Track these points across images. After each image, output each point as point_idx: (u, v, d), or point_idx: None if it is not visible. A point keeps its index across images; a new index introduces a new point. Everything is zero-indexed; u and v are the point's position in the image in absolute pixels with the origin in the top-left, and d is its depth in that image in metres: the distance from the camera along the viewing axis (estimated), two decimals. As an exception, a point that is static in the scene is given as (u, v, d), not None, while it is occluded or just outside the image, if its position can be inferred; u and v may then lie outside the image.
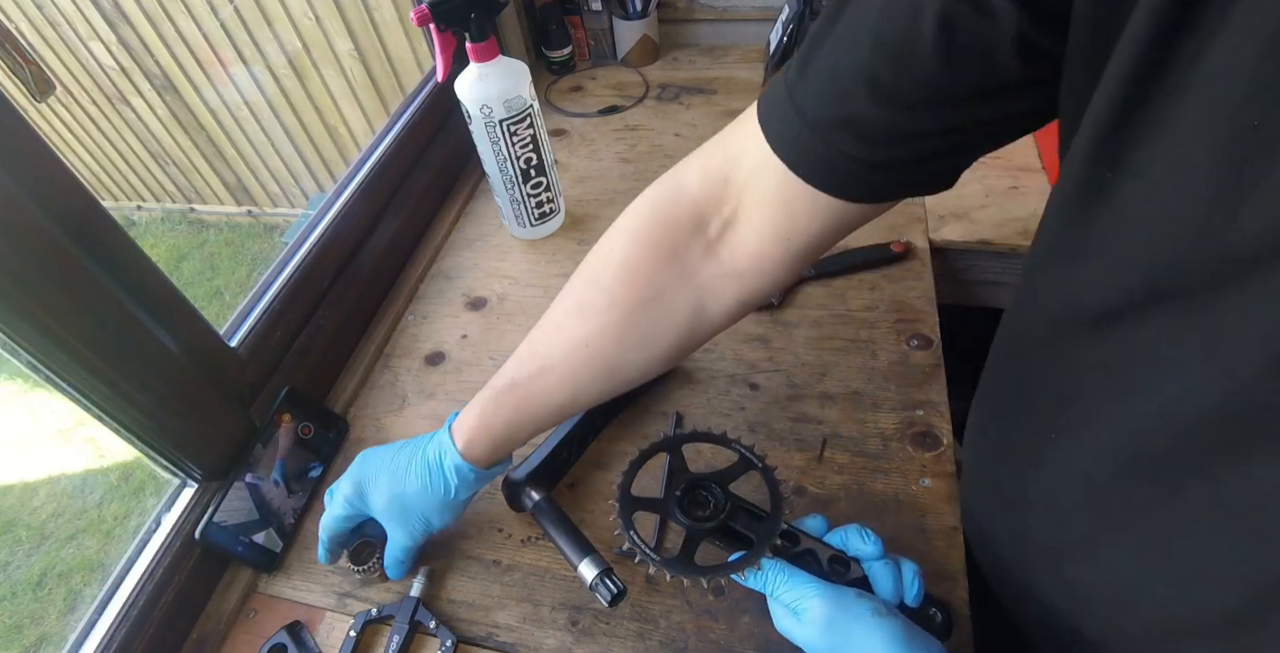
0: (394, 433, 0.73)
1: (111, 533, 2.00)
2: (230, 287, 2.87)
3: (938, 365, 0.71)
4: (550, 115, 1.12)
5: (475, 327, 0.82)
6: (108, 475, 2.13)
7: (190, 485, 0.63)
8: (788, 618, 0.44)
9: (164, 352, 0.57)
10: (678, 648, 0.56)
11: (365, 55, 2.37)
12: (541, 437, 0.65)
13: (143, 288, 0.55)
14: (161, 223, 3.25)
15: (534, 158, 0.81)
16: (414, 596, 0.59)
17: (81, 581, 1.90)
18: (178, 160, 3.01)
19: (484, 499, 0.66)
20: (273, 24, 2.37)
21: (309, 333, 0.75)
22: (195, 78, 2.64)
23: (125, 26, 2.52)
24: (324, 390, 0.77)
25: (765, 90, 0.41)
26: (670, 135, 1.05)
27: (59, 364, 0.50)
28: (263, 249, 3.05)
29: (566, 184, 0.98)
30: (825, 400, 0.70)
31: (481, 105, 0.75)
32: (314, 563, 0.64)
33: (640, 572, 0.60)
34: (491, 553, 0.63)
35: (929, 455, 0.65)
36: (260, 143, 2.84)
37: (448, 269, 0.90)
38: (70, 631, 0.56)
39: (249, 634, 0.61)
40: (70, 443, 2.22)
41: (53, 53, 2.69)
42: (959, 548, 0.58)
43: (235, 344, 0.67)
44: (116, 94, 2.79)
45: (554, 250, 0.90)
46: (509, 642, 0.58)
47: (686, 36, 1.24)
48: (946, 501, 0.61)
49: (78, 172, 1.15)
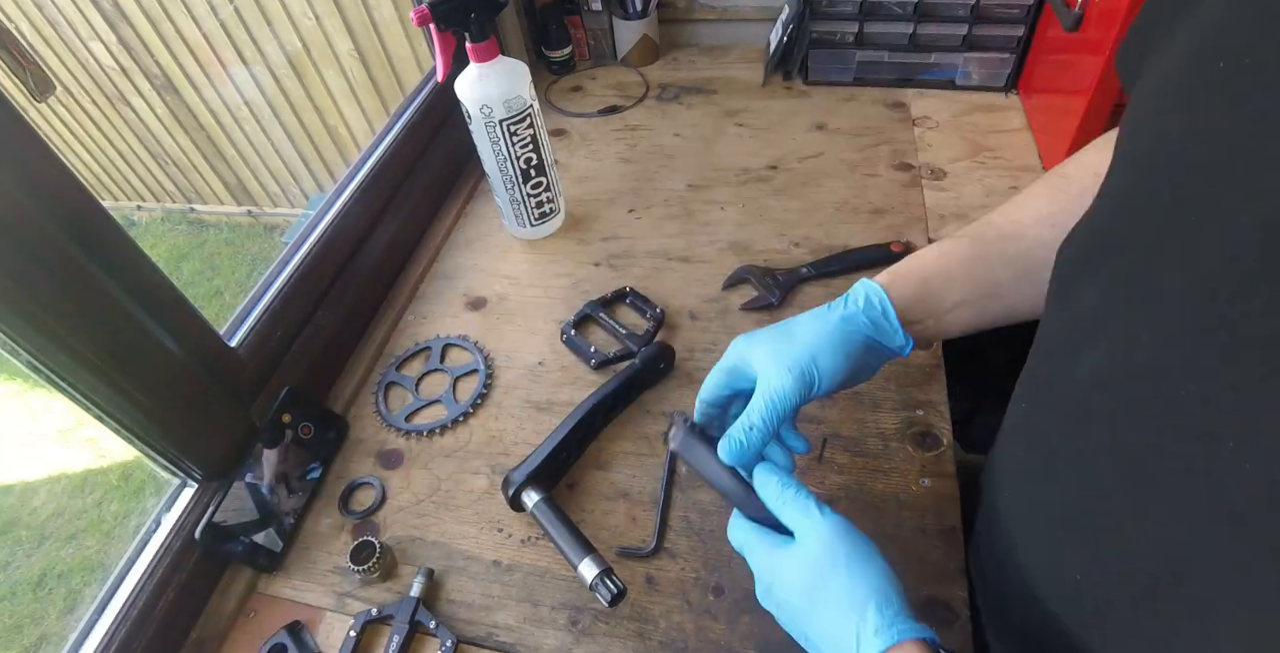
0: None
1: (111, 533, 2.00)
2: (230, 287, 2.87)
3: (938, 365, 0.71)
4: (550, 115, 1.12)
5: (475, 327, 0.82)
6: (108, 475, 2.14)
7: (190, 485, 0.63)
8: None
9: (164, 352, 0.57)
10: (678, 648, 0.56)
11: (365, 55, 2.37)
12: (540, 437, 0.65)
13: (143, 288, 0.55)
14: (161, 223, 3.25)
15: (534, 158, 0.81)
16: (414, 596, 0.59)
17: (81, 581, 1.91)
18: (178, 160, 3.02)
19: (484, 499, 0.66)
20: (273, 24, 2.38)
21: (309, 333, 0.75)
22: (195, 78, 2.64)
23: (125, 26, 2.52)
24: (324, 390, 0.77)
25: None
26: (670, 135, 1.05)
27: (59, 364, 0.50)
28: (263, 249, 3.05)
29: (566, 184, 0.99)
30: (825, 400, 0.70)
31: (481, 105, 0.75)
32: (314, 563, 0.64)
33: (640, 571, 0.60)
34: (491, 553, 0.63)
35: (929, 455, 0.65)
36: (260, 143, 2.84)
37: (448, 269, 0.90)
38: (70, 631, 0.56)
39: (249, 634, 0.61)
40: (70, 443, 2.22)
41: (53, 53, 2.69)
42: (959, 548, 0.58)
43: (235, 344, 0.67)
44: (116, 94, 2.79)
45: (554, 250, 0.90)
46: (509, 642, 0.58)
47: (686, 36, 1.24)
48: (946, 500, 0.61)
49: (78, 172, 1.15)
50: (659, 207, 0.93)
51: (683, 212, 0.92)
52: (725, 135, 1.03)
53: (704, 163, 0.99)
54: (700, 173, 0.98)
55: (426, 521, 0.66)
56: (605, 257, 0.88)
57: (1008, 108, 1.02)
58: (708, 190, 0.95)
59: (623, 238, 0.90)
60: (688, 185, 0.96)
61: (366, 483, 0.69)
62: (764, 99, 1.09)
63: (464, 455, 0.70)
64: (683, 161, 1.00)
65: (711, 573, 0.59)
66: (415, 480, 0.69)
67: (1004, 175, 0.92)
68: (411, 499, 0.67)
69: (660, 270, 0.85)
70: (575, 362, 0.77)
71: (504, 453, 0.70)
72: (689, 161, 1.00)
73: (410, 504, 0.67)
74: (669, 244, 0.88)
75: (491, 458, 0.70)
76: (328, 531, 0.66)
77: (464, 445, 0.71)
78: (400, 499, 0.68)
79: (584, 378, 0.75)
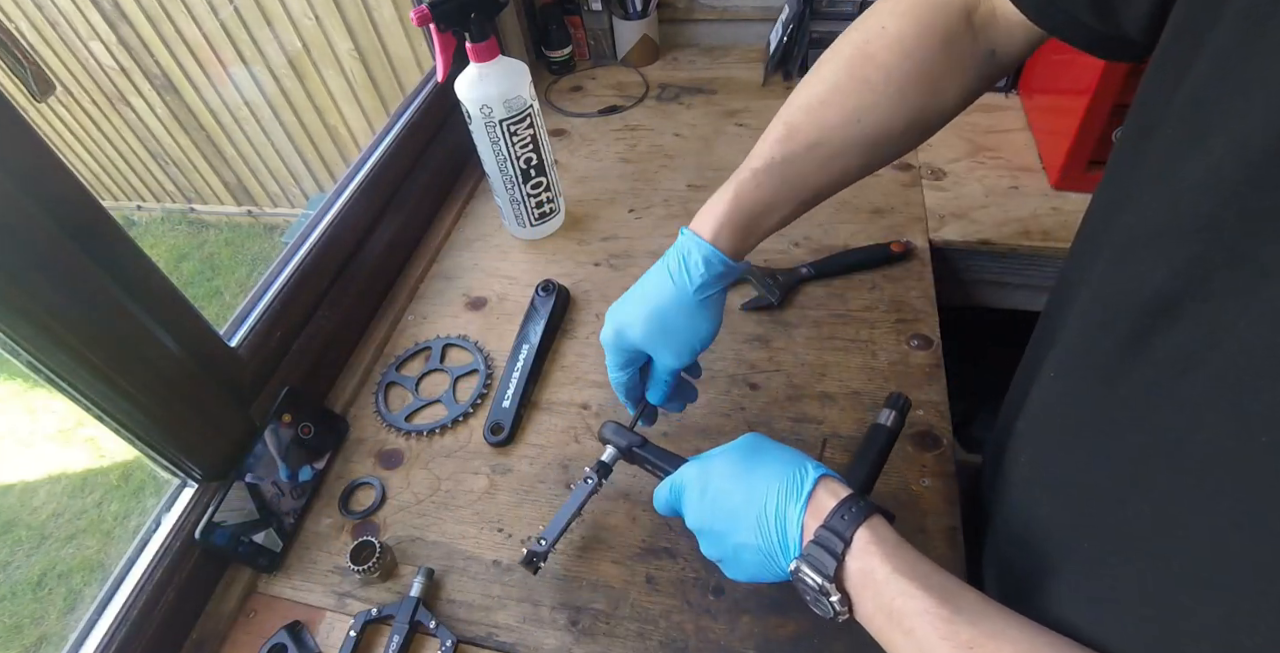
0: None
1: (111, 533, 2.00)
2: (230, 287, 2.87)
3: (938, 365, 0.71)
4: (550, 115, 1.12)
5: (475, 327, 0.82)
6: (108, 475, 2.14)
7: (190, 485, 0.63)
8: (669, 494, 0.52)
9: (164, 352, 0.57)
10: (678, 648, 0.56)
11: (365, 55, 2.37)
12: (540, 437, 0.65)
13: (143, 288, 0.55)
14: (161, 223, 3.25)
15: (534, 158, 0.81)
16: (414, 596, 0.59)
17: (81, 581, 1.91)
18: (178, 160, 3.01)
19: (484, 499, 0.66)
20: (273, 24, 2.38)
21: (309, 333, 0.75)
22: (195, 78, 2.64)
23: (125, 26, 2.52)
24: (324, 390, 0.77)
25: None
26: (670, 135, 1.05)
27: (59, 364, 0.50)
28: (263, 249, 3.05)
29: (566, 184, 0.99)
30: (825, 400, 0.70)
31: (481, 105, 0.75)
32: (314, 563, 0.64)
33: (640, 571, 0.60)
34: (491, 553, 0.63)
35: (929, 455, 0.65)
36: (260, 143, 2.84)
37: (448, 269, 0.90)
38: (70, 631, 0.56)
39: (249, 634, 0.61)
40: (70, 443, 2.22)
41: (53, 53, 2.69)
42: (959, 548, 0.58)
43: (235, 344, 0.67)
44: (116, 94, 2.79)
45: (554, 250, 0.90)
46: (509, 642, 0.58)
47: (686, 36, 1.24)
48: (946, 500, 0.61)
49: (78, 172, 1.15)
50: (659, 207, 0.93)
51: (683, 212, 0.92)
52: (725, 135, 1.03)
53: (704, 163, 0.99)
54: (700, 173, 0.97)
55: (426, 521, 0.66)
56: (605, 257, 0.88)
57: (1008, 108, 1.02)
58: (708, 190, 0.93)
59: (623, 238, 0.90)
60: (688, 185, 0.96)
61: (366, 483, 0.69)
62: (764, 99, 1.09)
63: (464, 456, 0.70)
64: (683, 161, 1.00)
65: (711, 573, 0.59)
66: (415, 480, 0.69)
67: (1004, 175, 0.92)
68: (411, 499, 0.67)
69: (660, 270, 0.85)
70: (575, 361, 0.77)
71: (504, 453, 0.70)
72: (689, 161, 1.00)
73: (410, 504, 0.67)
74: (669, 244, 0.87)
75: (491, 458, 0.70)
76: (328, 531, 0.66)
77: (464, 445, 0.71)
78: (400, 499, 0.68)
79: (584, 378, 0.75)
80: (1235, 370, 0.27)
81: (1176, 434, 0.30)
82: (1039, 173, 0.91)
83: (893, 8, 0.50)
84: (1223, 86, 0.28)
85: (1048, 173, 0.90)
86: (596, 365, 0.76)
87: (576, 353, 0.78)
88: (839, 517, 0.41)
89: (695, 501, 0.49)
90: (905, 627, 0.38)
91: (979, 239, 0.84)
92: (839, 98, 0.50)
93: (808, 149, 0.51)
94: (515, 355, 0.75)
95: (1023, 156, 0.94)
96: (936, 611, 0.37)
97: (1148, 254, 0.32)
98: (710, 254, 0.52)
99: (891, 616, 0.38)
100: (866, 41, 0.50)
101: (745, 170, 0.52)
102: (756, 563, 0.45)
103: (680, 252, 0.53)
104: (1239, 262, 0.27)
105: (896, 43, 0.48)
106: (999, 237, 0.84)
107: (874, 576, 0.39)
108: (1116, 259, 0.35)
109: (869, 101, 0.49)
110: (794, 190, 0.52)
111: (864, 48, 0.50)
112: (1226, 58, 0.27)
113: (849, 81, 0.50)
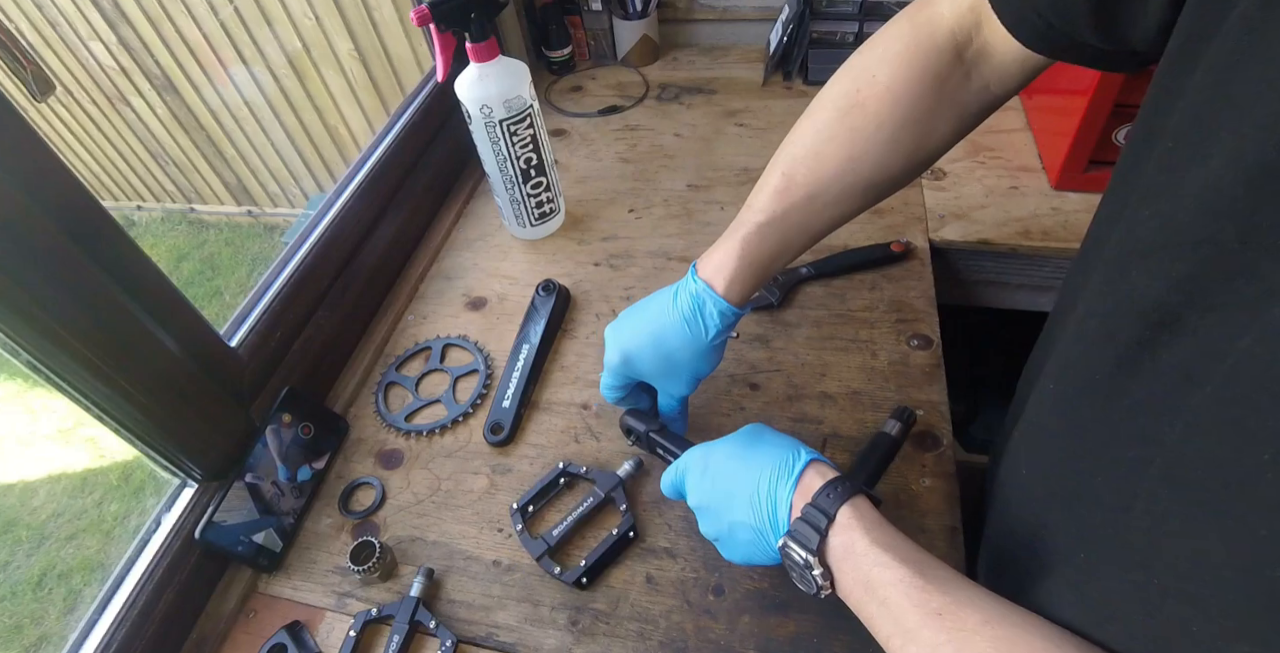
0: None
1: (111, 533, 2.00)
2: (230, 287, 2.87)
3: (938, 365, 0.71)
4: (550, 115, 1.12)
5: (475, 327, 0.82)
6: (108, 475, 2.14)
7: (190, 486, 0.63)
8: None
9: (164, 352, 0.57)
10: (678, 648, 0.56)
11: (365, 55, 2.37)
12: (540, 436, 0.65)
13: (143, 288, 0.55)
14: (161, 223, 3.25)
15: (534, 158, 0.81)
16: (414, 596, 0.59)
17: (81, 581, 1.91)
18: (178, 160, 3.02)
19: (484, 499, 0.66)
20: (273, 24, 2.38)
21: (309, 333, 0.75)
22: (195, 78, 2.64)
23: (125, 26, 2.52)
24: (324, 390, 0.77)
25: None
26: (670, 135, 1.05)
27: (59, 364, 0.50)
28: (263, 249, 3.05)
29: (566, 184, 0.99)
30: (825, 400, 0.70)
31: (481, 105, 0.75)
32: (314, 563, 0.64)
33: (640, 571, 0.60)
34: (491, 553, 0.63)
35: (929, 455, 0.65)
36: (260, 143, 2.84)
37: (448, 269, 0.90)
38: (70, 631, 0.56)
39: (249, 634, 0.61)
40: (70, 443, 2.22)
41: (53, 53, 2.69)
42: (959, 548, 0.58)
43: (235, 344, 0.67)
44: (116, 94, 2.79)
45: (554, 250, 0.90)
46: (509, 642, 0.58)
47: (686, 36, 1.24)
48: (946, 500, 0.61)
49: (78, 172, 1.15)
50: (659, 207, 0.93)
51: (683, 211, 0.92)
52: (725, 135, 1.03)
53: (704, 163, 0.99)
54: (700, 173, 0.98)
55: (426, 521, 0.66)
56: (605, 257, 0.88)
57: (1008, 108, 1.01)
58: (708, 190, 0.95)
59: (623, 238, 0.90)
60: (688, 185, 0.96)
61: (366, 483, 0.69)
62: (764, 99, 1.09)
63: (464, 456, 0.70)
64: (683, 161, 1.00)
65: (711, 573, 0.59)
66: (415, 480, 0.69)
67: (1004, 175, 0.92)
68: (411, 499, 0.67)
69: (660, 270, 0.85)
70: (575, 361, 0.77)
71: (504, 453, 0.70)
72: (689, 161, 1.00)
73: (410, 504, 0.67)
74: (669, 244, 0.88)
75: (491, 458, 0.70)
76: (328, 531, 0.66)
77: (464, 445, 0.71)
78: (400, 499, 0.68)
79: (584, 378, 0.75)
80: (1237, 385, 0.27)
81: (1176, 448, 0.30)
82: (1039, 173, 0.91)
83: (882, 54, 0.50)
84: (1221, 99, 0.27)
85: (1048, 173, 0.90)
86: (597, 366, 0.76)
87: (576, 353, 0.78)
88: (824, 495, 0.44)
89: (697, 480, 0.52)
90: (880, 597, 0.40)
91: (979, 239, 0.84)
92: (832, 148, 0.51)
93: (807, 200, 0.52)
94: (515, 355, 0.75)
95: (1023, 157, 0.94)
96: (910, 580, 0.39)
97: (1147, 266, 0.32)
98: (726, 309, 0.54)
99: (868, 586, 0.40)
100: (858, 90, 0.50)
101: (749, 223, 0.53)
102: (749, 541, 0.48)
103: (695, 302, 0.55)
104: (1240, 276, 0.27)
105: (887, 91, 0.49)
106: (999, 237, 0.84)
107: (854, 548, 0.41)
108: (1117, 270, 0.35)
109: (861, 150, 0.50)
110: (797, 238, 0.54)
111: (855, 96, 0.50)
112: (1224, 69, 0.27)
113: (842, 131, 0.51)
